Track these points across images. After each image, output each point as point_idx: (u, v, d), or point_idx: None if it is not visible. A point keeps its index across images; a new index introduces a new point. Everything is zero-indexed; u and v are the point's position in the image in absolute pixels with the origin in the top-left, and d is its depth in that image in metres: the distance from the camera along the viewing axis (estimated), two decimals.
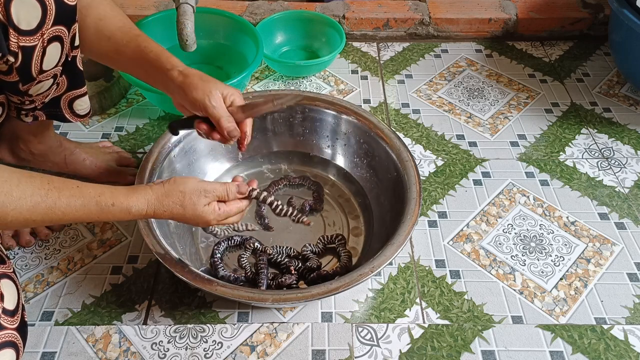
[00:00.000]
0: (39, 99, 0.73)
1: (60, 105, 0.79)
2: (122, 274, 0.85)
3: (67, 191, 0.58)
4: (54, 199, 0.57)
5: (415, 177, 0.83)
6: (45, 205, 0.56)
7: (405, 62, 1.29)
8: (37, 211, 0.56)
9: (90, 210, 0.60)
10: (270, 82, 1.23)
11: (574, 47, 1.35)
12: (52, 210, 0.57)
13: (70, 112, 0.81)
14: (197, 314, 0.80)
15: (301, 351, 0.76)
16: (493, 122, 1.14)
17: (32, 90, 0.69)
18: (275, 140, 1.00)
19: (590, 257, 0.89)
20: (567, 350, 0.77)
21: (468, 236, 0.92)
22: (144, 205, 0.64)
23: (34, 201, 0.55)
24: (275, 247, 0.87)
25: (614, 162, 1.05)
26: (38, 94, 0.71)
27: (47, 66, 0.66)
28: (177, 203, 0.65)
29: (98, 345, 0.76)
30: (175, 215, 0.66)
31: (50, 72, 0.68)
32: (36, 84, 0.68)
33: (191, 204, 0.66)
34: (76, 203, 0.59)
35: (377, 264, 0.72)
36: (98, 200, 0.60)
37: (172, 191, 0.66)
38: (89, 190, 0.60)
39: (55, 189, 0.57)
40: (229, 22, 1.20)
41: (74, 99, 0.79)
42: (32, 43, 0.62)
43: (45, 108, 0.77)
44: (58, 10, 0.63)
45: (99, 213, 0.61)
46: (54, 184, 0.58)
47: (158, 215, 0.65)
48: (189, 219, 0.67)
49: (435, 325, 0.79)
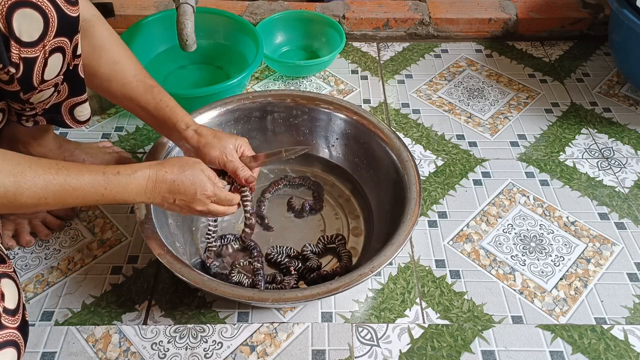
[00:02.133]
0: (40, 106, 0.73)
1: (61, 112, 0.79)
2: (122, 274, 0.85)
3: (75, 168, 0.61)
4: (64, 176, 0.59)
5: (415, 177, 0.83)
6: (57, 182, 0.59)
7: (405, 62, 1.29)
8: (49, 189, 0.58)
9: (98, 182, 0.62)
10: (270, 82, 1.23)
11: (574, 47, 1.35)
12: (63, 187, 0.59)
13: (71, 118, 0.81)
14: (197, 314, 0.80)
15: (301, 351, 0.76)
16: (493, 122, 1.14)
17: (33, 99, 0.69)
18: (275, 140, 1.00)
19: (590, 257, 0.89)
20: (567, 350, 0.77)
21: (468, 236, 0.92)
22: (146, 168, 0.66)
23: (47, 179, 0.58)
24: (275, 247, 0.87)
25: (614, 162, 1.05)
26: (39, 101, 0.71)
27: (48, 76, 0.67)
28: (176, 164, 0.68)
29: (98, 345, 0.76)
30: (175, 177, 0.67)
31: (51, 81, 0.68)
32: (37, 92, 0.68)
33: (189, 166, 0.69)
34: (85, 178, 0.61)
35: (377, 264, 0.72)
36: (104, 171, 0.63)
37: (172, 158, 0.71)
38: (94, 167, 0.63)
39: (64, 168, 0.60)
40: (229, 22, 1.20)
41: (74, 105, 0.79)
42: (34, 54, 0.62)
43: (46, 114, 0.78)
44: (60, 22, 0.63)
45: (106, 183, 0.62)
46: (62, 164, 0.60)
47: (160, 179, 0.66)
48: (188, 181, 0.68)
49: (435, 325, 0.79)
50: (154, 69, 1.18)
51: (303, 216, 0.93)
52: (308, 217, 0.93)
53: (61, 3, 0.62)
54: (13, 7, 0.58)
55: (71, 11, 0.64)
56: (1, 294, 0.59)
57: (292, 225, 0.92)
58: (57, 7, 0.62)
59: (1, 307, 0.58)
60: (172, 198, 0.68)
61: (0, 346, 0.56)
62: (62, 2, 0.62)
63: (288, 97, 0.97)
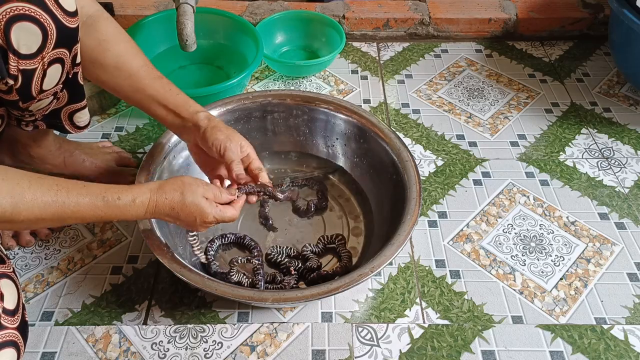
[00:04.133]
0: (39, 113, 0.73)
1: (61, 117, 0.79)
2: (122, 274, 0.85)
3: (75, 190, 0.60)
4: (63, 198, 0.59)
5: (415, 177, 0.83)
6: (56, 205, 0.58)
7: (405, 62, 1.29)
8: (48, 210, 0.58)
9: (97, 206, 0.61)
10: (270, 82, 1.23)
11: (574, 47, 1.35)
12: (62, 209, 0.59)
13: (70, 124, 0.81)
14: (197, 314, 0.80)
15: (301, 351, 0.76)
16: (493, 122, 1.14)
17: (32, 107, 0.69)
18: (275, 140, 1.00)
19: (590, 257, 0.89)
20: (567, 350, 0.77)
21: (468, 236, 0.92)
22: (146, 194, 0.65)
23: (45, 201, 0.57)
24: (275, 247, 0.87)
25: (614, 162, 1.05)
26: (38, 109, 0.71)
27: (47, 86, 0.67)
28: (177, 190, 0.67)
29: (98, 345, 0.76)
30: (175, 204, 0.67)
31: (50, 90, 0.68)
32: (36, 102, 0.68)
33: (190, 192, 0.67)
34: (84, 200, 0.60)
35: (377, 264, 0.72)
36: (104, 195, 0.62)
37: (173, 180, 0.69)
38: (95, 188, 0.62)
39: (64, 189, 0.59)
40: (229, 22, 1.20)
41: (74, 112, 0.80)
42: (32, 66, 0.62)
43: (45, 119, 0.78)
44: (59, 34, 0.63)
45: (106, 208, 0.62)
46: (62, 185, 0.60)
47: (160, 205, 0.66)
48: (188, 210, 0.67)
49: (435, 325, 0.79)
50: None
51: (309, 216, 0.93)
52: (309, 217, 0.94)
53: (60, 15, 0.62)
54: (11, 20, 0.58)
55: (70, 22, 0.64)
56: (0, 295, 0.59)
57: (292, 225, 0.92)
58: (56, 19, 0.62)
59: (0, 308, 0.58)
60: (172, 220, 0.69)
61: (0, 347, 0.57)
62: (60, 14, 0.62)
63: (288, 97, 0.97)
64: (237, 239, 0.88)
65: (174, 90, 0.76)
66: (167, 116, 0.76)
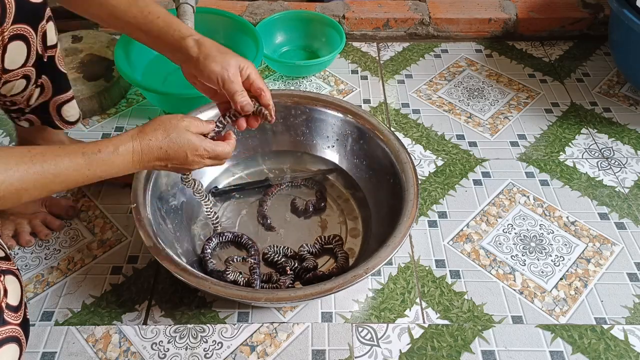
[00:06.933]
0: (18, 100, 0.72)
1: (49, 111, 0.78)
2: (122, 274, 0.85)
3: (50, 153, 0.57)
4: (40, 162, 0.55)
5: (414, 179, 0.83)
6: (34, 171, 0.55)
7: (405, 62, 1.29)
8: (27, 179, 0.54)
9: (79, 164, 0.58)
10: (270, 82, 1.23)
11: (574, 47, 1.35)
12: (42, 175, 0.55)
13: (60, 119, 0.80)
14: (197, 314, 0.80)
15: (301, 351, 0.76)
16: (493, 122, 1.14)
17: (3, 90, 0.67)
18: (275, 139, 1.00)
19: (590, 257, 0.89)
20: (567, 350, 0.77)
21: (468, 236, 0.92)
22: (128, 141, 0.61)
23: (22, 170, 0.54)
24: (272, 247, 0.87)
25: (614, 162, 1.05)
26: (14, 94, 0.69)
27: (10, 65, 0.65)
28: (159, 129, 0.63)
29: (98, 345, 0.76)
30: (161, 143, 0.62)
31: (17, 71, 0.66)
32: (4, 83, 0.66)
33: (172, 127, 0.63)
34: (63, 161, 0.57)
35: (372, 265, 0.72)
36: (83, 151, 0.59)
37: (151, 122, 0.64)
38: (73, 147, 0.59)
39: (39, 154, 0.56)
40: (229, 22, 1.20)
41: (61, 104, 0.78)
42: None
43: (36, 113, 0.77)
44: (18, 9, 0.61)
45: (88, 165, 0.59)
46: (36, 150, 0.56)
47: (145, 149, 0.62)
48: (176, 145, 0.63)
49: (435, 325, 0.79)
50: (154, 69, 1.18)
51: (307, 216, 0.93)
52: (308, 217, 0.94)
53: None
54: None
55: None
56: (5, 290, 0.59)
57: (290, 225, 0.92)
58: None
59: (4, 303, 0.58)
60: (164, 164, 0.65)
61: (3, 342, 0.57)
62: None
63: (288, 97, 0.97)
64: (234, 238, 0.88)
65: (153, 13, 0.68)
66: (154, 44, 0.70)
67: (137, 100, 1.17)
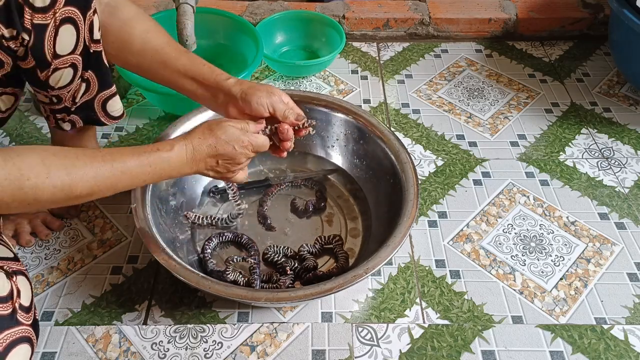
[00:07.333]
0: (64, 94, 0.73)
1: (94, 108, 0.80)
2: (122, 274, 0.85)
3: (117, 153, 0.62)
4: (110, 161, 0.60)
5: (414, 179, 0.83)
6: (105, 170, 0.60)
7: (405, 62, 1.29)
8: (100, 177, 0.59)
9: (142, 162, 0.63)
10: (270, 82, 1.23)
11: (574, 47, 1.35)
12: (112, 174, 0.60)
13: (105, 114, 0.82)
14: (197, 314, 0.80)
15: (301, 351, 0.76)
16: (493, 122, 1.14)
17: (52, 80, 0.69)
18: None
19: (590, 257, 0.89)
20: (567, 350, 0.77)
21: (468, 236, 0.92)
22: (181, 140, 0.67)
23: (95, 168, 0.59)
24: (272, 247, 0.87)
25: (614, 162, 1.05)
26: (61, 86, 0.71)
27: (61, 50, 0.66)
28: (206, 130, 0.68)
29: (98, 346, 0.76)
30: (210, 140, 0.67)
31: (66, 58, 0.68)
32: (54, 71, 0.68)
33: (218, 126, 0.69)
34: (130, 160, 0.62)
35: (372, 265, 0.72)
36: (144, 150, 0.64)
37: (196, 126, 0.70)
38: (132, 147, 0.64)
39: (108, 154, 0.61)
40: (229, 22, 1.20)
41: (106, 99, 0.80)
42: (45, 21, 0.62)
43: (79, 112, 0.78)
44: None
45: (150, 162, 0.64)
46: (104, 152, 0.61)
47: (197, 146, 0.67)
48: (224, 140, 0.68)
49: (435, 325, 0.79)
50: None
51: (307, 216, 0.93)
52: (308, 217, 0.94)
53: None
54: None
55: None
56: (18, 291, 0.59)
57: (290, 225, 0.92)
58: None
59: (17, 304, 0.59)
60: (215, 161, 0.69)
61: (16, 342, 0.57)
62: None
63: None
64: (234, 238, 0.88)
65: (199, 61, 0.76)
66: (197, 89, 0.76)
67: (137, 100, 1.17)
